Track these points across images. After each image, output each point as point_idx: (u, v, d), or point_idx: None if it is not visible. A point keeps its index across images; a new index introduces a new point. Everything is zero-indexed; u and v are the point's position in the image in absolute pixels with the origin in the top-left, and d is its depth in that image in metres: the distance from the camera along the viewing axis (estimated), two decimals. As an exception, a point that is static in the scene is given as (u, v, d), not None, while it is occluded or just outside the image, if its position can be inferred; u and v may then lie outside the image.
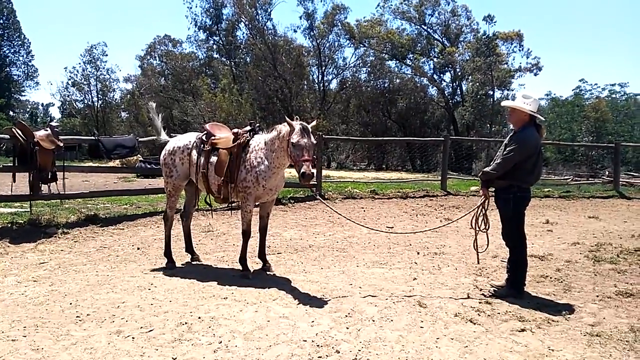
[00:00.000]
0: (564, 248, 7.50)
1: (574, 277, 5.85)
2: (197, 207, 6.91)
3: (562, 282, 5.65)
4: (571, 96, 37.52)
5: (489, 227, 5.44)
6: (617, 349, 3.81)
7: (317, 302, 4.81)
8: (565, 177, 22.50)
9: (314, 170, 5.09)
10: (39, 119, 69.32)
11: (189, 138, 6.27)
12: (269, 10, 39.95)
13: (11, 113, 54.10)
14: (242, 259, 5.86)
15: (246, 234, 5.81)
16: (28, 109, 74.20)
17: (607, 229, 9.24)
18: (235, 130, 5.99)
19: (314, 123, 5.63)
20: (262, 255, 6.08)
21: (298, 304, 4.77)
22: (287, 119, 5.36)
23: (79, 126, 52.21)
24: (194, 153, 6.02)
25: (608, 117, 33.93)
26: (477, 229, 5.43)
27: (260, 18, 39.93)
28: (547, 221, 9.86)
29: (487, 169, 5.29)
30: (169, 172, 6.24)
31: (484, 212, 5.39)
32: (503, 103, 6.00)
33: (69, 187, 9.06)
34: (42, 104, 79.66)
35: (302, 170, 4.99)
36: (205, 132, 6.07)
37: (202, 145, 5.97)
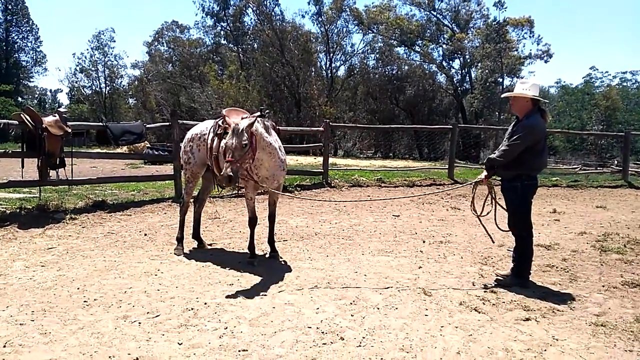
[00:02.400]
0: (571, 238, 7.46)
1: (580, 267, 5.83)
2: (210, 194, 6.97)
3: (568, 271, 5.64)
4: (581, 84, 37.08)
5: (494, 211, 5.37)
6: (622, 339, 3.80)
7: (322, 290, 4.84)
8: (574, 167, 22.35)
9: (231, 173, 4.86)
10: (47, 105, 69.72)
11: (207, 125, 6.36)
12: (276, -5, 39.67)
13: (19, 99, 54.35)
14: (250, 246, 5.90)
15: (252, 221, 5.84)
16: (36, 95, 74.53)
17: (615, 218, 9.18)
18: (246, 115, 6.00)
19: (252, 119, 5.34)
20: (270, 241, 6.11)
21: (303, 291, 4.80)
22: (227, 118, 5.56)
23: (87, 112, 52.50)
24: (210, 137, 6.09)
25: (619, 105, 33.55)
26: (477, 214, 5.38)
27: (268, 3, 39.73)
28: (554, 210, 9.80)
29: (492, 155, 5.24)
30: (187, 159, 6.36)
31: (492, 198, 5.33)
32: (503, 95, 5.84)
33: (77, 173, 9.12)
34: (51, 90, 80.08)
35: (226, 175, 4.87)
36: (222, 116, 6.10)
37: (217, 129, 6.02)
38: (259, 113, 5.85)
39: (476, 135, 31.92)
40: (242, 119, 5.89)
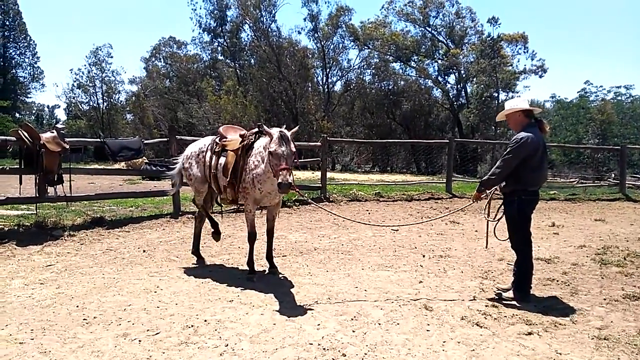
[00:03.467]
0: (571, 251, 7.46)
1: (580, 280, 5.83)
2: (211, 210, 6.96)
3: (568, 285, 5.63)
4: (576, 98, 37.35)
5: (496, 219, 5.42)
6: (626, 352, 3.79)
7: (323, 305, 4.81)
8: (571, 180, 22.43)
9: (291, 180, 5.00)
10: (44, 121, 69.68)
11: (205, 141, 6.41)
12: (273, 12, 40.05)
13: (17, 115, 54.33)
14: (250, 262, 5.88)
15: (251, 236, 5.83)
16: (34, 111, 74.51)
17: (614, 231, 9.19)
18: (243, 132, 6.02)
19: (295, 129, 5.55)
20: (269, 257, 6.08)
21: (304, 307, 4.77)
22: (265, 127, 5.36)
23: (85, 128, 52.46)
24: (208, 155, 6.14)
25: (614, 119, 33.77)
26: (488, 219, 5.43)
27: (265, 20, 40.03)
28: (553, 224, 9.81)
29: (485, 177, 5.24)
30: (188, 175, 6.43)
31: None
32: (497, 118, 5.64)
33: (75, 190, 9.08)
34: (48, 106, 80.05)
35: (278, 180, 4.91)
36: (219, 134, 6.15)
37: (214, 147, 6.07)
38: (256, 129, 5.88)
39: (473, 150, 32.01)
40: (239, 135, 5.94)
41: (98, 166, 22.11)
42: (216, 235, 6.53)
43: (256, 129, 5.90)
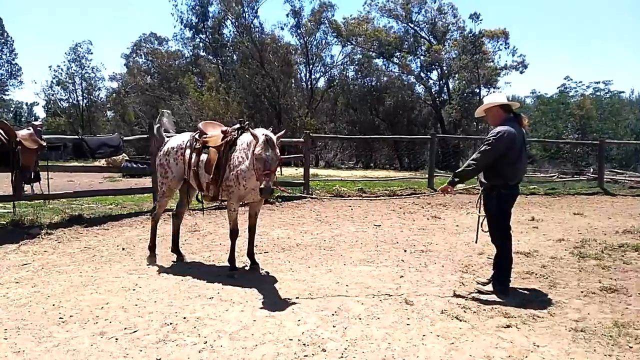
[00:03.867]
0: (550, 245, 7.56)
1: (559, 273, 5.90)
2: (188, 207, 6.86)
3: (547, 278, 5.69)
4: (556, 94, 37.75)
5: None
6: (602, 343, 3.84)
7: (304, 301, 4.80)
8: (551, 175, 22.71)
9: (273, 186, 5.06)
10: (23, 119, 68.34)
11: (183, 138, 6.26)
12: (255, 7, 39.80)
13: (-6, 112, 53.26)
14: (231, 259, 5.84)
15: (233, 233, 5.79)
16: (12, 108, 73.11)
17: (592, 225, 9.34)
18: (225, 128, 5.96)
19: (281, 133, 5.52)
20: (250, 254, 6.05)
21: (284, 302, 4.74)
22: (251, 130, 5.32)
23: (64, 125, 51.56)
24: (187, 152, 6.01)
25: (593, 114, 34.24)
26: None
27: (247, 16, 39.78)
28: (532, 218, 9.93)
29: (459, 169, 5.26)
30: (164, 172, 6.24)
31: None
32: (476, 114, 5.59)
33: (54, 187, 8.92)
34: (27, 103, 78.50)
35: (261, 185, 4.94)
36: (199, 130, 6.05)
37: (194, 144, 5.95)
38: (238, 125, 5.83)
39: (455, 145, 32.23)
40: (221, 131, 5.87)
41: (77, 164, 21.77)
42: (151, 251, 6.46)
43: (238, 125, 5.86)
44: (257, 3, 39.42)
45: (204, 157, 5.82)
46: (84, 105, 54.55)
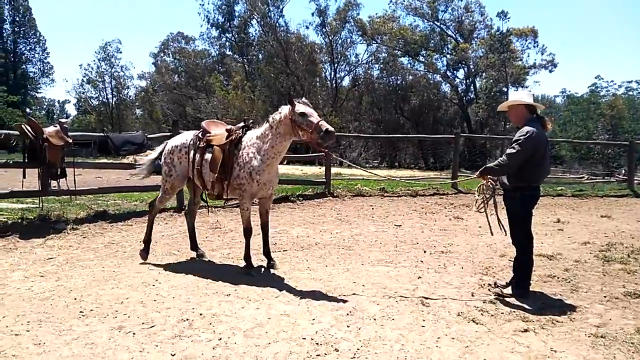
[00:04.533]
0: (574, 247, 7.38)
1: (582, 277, 5.76)
2: (199, 205, 6.93)
3: (569, 282, 5.56)
4: (587, 93, 36.94)
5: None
6: (622, 350, 3.74)
7: (319, 300, 4.79)
8: (581, 176, 22.21)
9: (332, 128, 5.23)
10: (55, 116, 70.30)
11: (186, 136, 6.28)
12: (280, 7, 40.07)
13: (27, 110, 54.88)
14: (247, 257, 5.88)
15: (247, 232, 5.82)
16: (45, 106, 75.21)
17: (619, 228, 9.09)
18: (229, 127, 6.01)
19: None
20: (266, 252, 6.08)
21: (300, 301, 4.76)
22: (274, 113, 5.57)
23: (94, 123, 52.81)
24: (191, 151, 6.03)
25: (624, 114, 33.35)
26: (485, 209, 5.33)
27: (273, 15, 40.07)
28: (558, 220, 9.71)
29: (490, 164, 5.18)
30: (168, 171, 6.23)
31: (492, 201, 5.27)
32: (499, 108, 5.56)
33: (82, 184, 9.13)
34: (59, 101, 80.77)
35: (325, 128, 5.08)
36: (202, 129, 6.09)
37: (198, 143, 5.99)
38: (242, 124, 5.92)
39: (482, 145, 31.84)
40: (226, 130, 5.96)
41: (107, 160, 22.28)
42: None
43: (242, 124, 5.93)
44: (283, 2, 39.67)
45: (208, 156, 5.84)
46: (113, 103, 55.71)
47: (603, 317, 4.48)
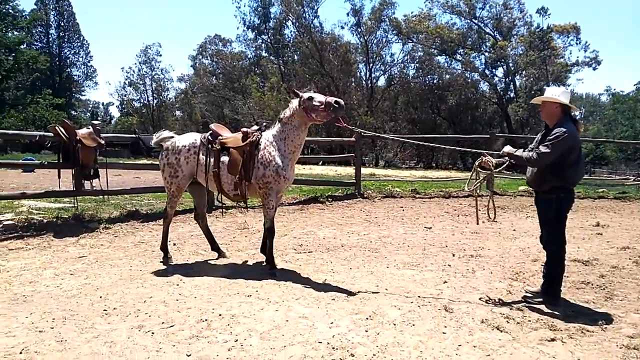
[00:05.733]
0: (612, 253, 7.04)
1: (618, 284, 5.48)
2: (210, 207, 6.97)
3: (604, 289, 5.30)
4: (633, 91, 35.44)
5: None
6: (656, 364, 3.52)
7: (340, 303, 4.73)
8: (625, 177, 21.30)
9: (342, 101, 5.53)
10: (99, 118, 72.71)
11: (193, 137, 6.22)
12: (315, 7, 40.17)
13: (73, 112, 57.04)
14: (270, 257, 5.87)
15: (271, 232, 5.85)
16: (89, 108, 77.89)
17: (664, 232, 8.62)
18: (245, 129, 6.05)
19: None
20: (264, 250, 6.18)
21: (320, 304, 4.71)
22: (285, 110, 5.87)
23: (137, 125, 54.37)
24: (202, 153, 6.01)
25: (674, 113, 31.82)
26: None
27: (307, 16, 40.21)
28: (597, 224, 9.27)
29: (520, 153, 4.99)
30: (173, 172, 6.13)
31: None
32: (532, 100, 5.48)
33: (121, 184, 9.37)
34: (103, 103, 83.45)
35: (334, 101, 5.44)
36: (211, 132, 6.11)
37: (210, 145, 5.98)
38: (256, 127, 5.96)
39: (522, 145, 30.99)
40: (242, 132, 6.07)
41: (147, 161, 22.84)
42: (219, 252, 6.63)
43: (256, 127, 5.96)
44: (317, 3, 39.77)
45: (224, 158, 5.85)
46: (154, 105, 57.13)
47: (638, 327, 4.23)
